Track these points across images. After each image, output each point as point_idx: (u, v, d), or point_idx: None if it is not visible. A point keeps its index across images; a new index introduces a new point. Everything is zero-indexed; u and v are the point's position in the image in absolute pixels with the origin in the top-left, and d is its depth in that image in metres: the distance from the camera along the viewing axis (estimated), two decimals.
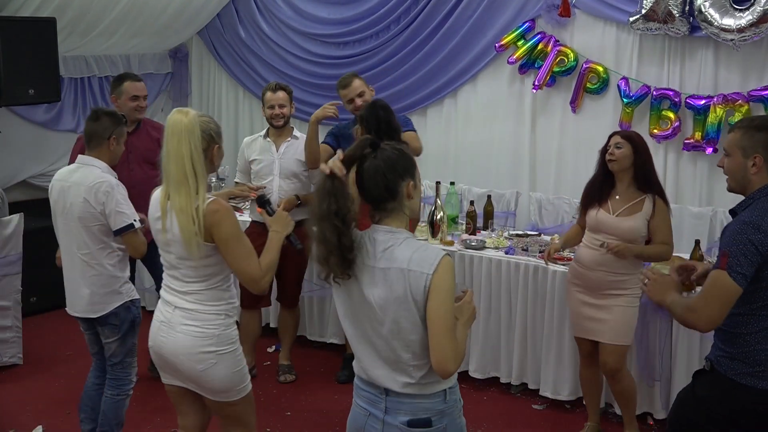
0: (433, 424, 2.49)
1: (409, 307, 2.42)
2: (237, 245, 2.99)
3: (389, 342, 2.47)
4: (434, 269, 2.39)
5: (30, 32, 5.67)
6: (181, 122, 2.93)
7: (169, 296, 3.10)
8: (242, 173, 5.16)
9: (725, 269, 2.66)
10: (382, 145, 2.52)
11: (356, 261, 2.49)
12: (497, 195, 5.93)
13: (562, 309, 4.69)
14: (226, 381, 3.08)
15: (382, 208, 2.52)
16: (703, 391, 2.88)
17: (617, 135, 4.16)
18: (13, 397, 4.90)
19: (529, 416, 4.75)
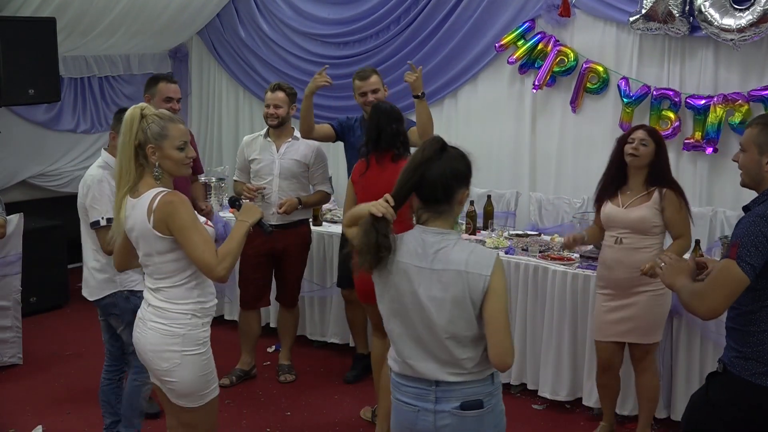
0: (484, 405, 2.59)
1: (466, 307, 2.51)
2: (192, 234, 2.91)
3: (443, 341, 2.54)
4: (491, 270, 2.50)
5: (30, 32, 5.67)
6: (127, 114, 2.97)
7: (146, 293, 3.10)
8: (241, 172, 5.15)
9: (734, 259, 2.63)
10: (449, 148, 2.59)
11: (406, 261, 2.56)
12: (497, 195, 5.93)
13: (562, 309, 4.69)
14: (189, 384, 3.01)
15: (435, 209, 2.58)
16: (717, 394, 2.83)
17: (642, 130, 4.06)
18: (13, 397, 4.90)
19: (529, 416, 4.75)
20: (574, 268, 4.68)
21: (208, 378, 3.07)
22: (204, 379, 3.05)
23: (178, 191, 3.02)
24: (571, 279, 4.65)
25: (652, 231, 4.03)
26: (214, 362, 3.10)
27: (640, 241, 4.02)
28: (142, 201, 2.95)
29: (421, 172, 2.54)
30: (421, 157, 2.55)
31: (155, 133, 2.96)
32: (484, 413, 2.59)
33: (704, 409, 2.89)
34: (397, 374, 2.69)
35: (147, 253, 3.00)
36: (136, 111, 2.97)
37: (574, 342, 4.69)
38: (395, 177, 4.20)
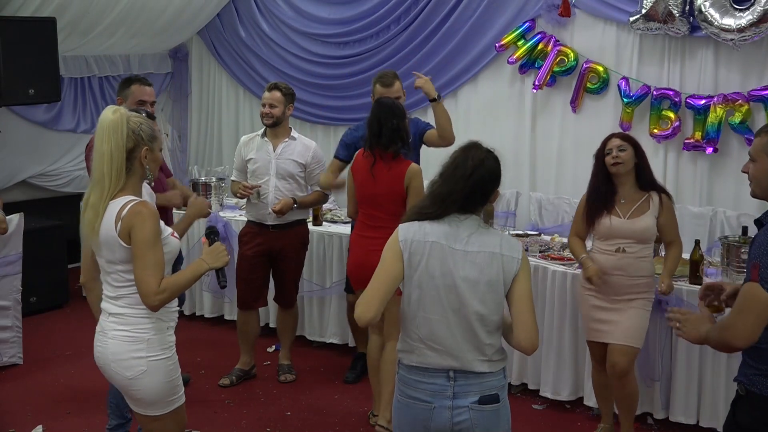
0: (500, 399, 2.69)
1: (497, 289, 2.65)
2: (147, 252, 2.81)
3: (471, 323, 2.64)
4: (521, 255, 2.68)
5: (30, 32, 5.67)
6: (107, 119, 2.87)
7: (105, 303, 3.01)
8: (239, 171, 5.14)
9: (757, 281, 2.49)
10: (489, 155, 2.73)
11: (440, 242, 2.66)
12: None
13: (562, 309, 4.68)
14: (156, 391, 2.93)
15: (470, 209, 2.72)
16: (745, 418, 2.64)
17: (616, 138, 4.10)
18: (13, 397, 4.90)
19: (529, 416, 4.75)
20: (574, 268, 4.68)
21: (174, 383, 3.00)
22: (170, 385, 2.98)
23: (148, 202, 2.96)
24: (571, 279, 4.64)
25: (651, 239, 4.09)
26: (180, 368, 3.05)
27: (642, 249, 4.06)
28: (111, 207, 2.88)
29: (470, 182, 2.68)
30: (471, 169, 2.69)
31: (148, 135, 2.93)
32: (500, 407, 2.69)
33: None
34: (412, 369, 2.71)
35: (110, 260, 2.93)
36: (119, 115, 2.88)
37: (575, 341, 4.69)
38: (391, 176, 4.25)
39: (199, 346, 5.62)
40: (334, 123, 6.86)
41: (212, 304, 6.10)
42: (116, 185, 2.89)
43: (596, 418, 4.63)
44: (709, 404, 4.38)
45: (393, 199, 4.24)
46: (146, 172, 2.97)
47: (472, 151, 2.74)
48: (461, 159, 2.73)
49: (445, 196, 2.70)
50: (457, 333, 2.65)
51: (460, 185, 2.69)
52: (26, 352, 5.36)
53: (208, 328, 5.98)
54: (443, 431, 2.67)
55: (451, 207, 2.70)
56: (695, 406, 4.43)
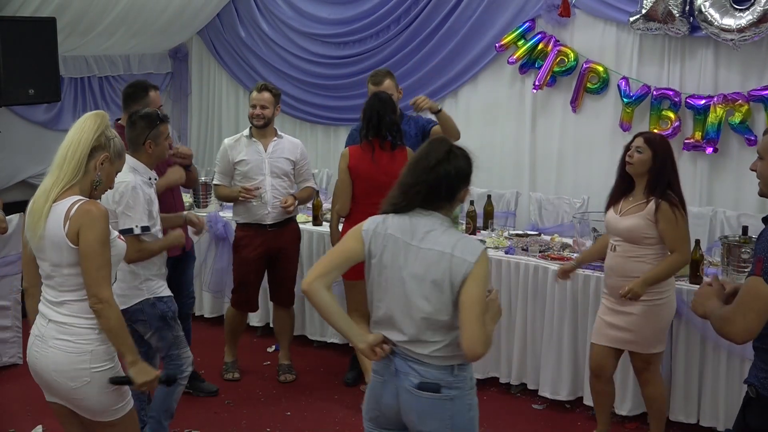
0: (441, 391, 2.65)
1: (443, 289, 2.60)
2: (95, 253, 2.76)
3: (416, 319, 2.64)
4: (477, 259, 2.58)
5: (30, 32, 5.67)
6: (89, 114, 2.92)
7: (45, 308, 2.90)
8: (224, 175, 5.03)
9: (760, 275, 2.46)
10: (455, 150, 2.70)
11: (396, 235, 2.67)
12: (497, 195, 5.93)
13: (562, 309, 4.69)
14: (101, 401, 2.85)
15: (434, 204, 2.69)
16: (756, 421, 2.62)
17: (641, 137, 3.98)
18: (13, 397, 4.90)
19: (529, 416, 4.75)
20: None
21: (120, 391, 2.93)
22: (116, 394, 2.91)
23: (98, 202, 2.88)
24: (571, 279, 4.64)
25: (644, 241, 3.93)
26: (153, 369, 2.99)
27: (632, 250, 3.94)
28: (60, 207, 2.80)
29: (433, 174, 2.65)
30: (434, 161, 2.66)
31: (117, 148, 2.93)
32: (440, 399, 2.66)
33: None
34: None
35: (55, 263, 2.83)
36: (103, 117, 2.90)
37: (575, 341, 4.69)
38: (397, 161, 4.29)
39: (199, 346, 5.61)
40: (334, 123, 6.87)
41: (212, 304, 6.10)
42: (72, 175, 2.83)
43: (596, 418, 4.63)
44: (709, 404, 4.38)
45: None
46: (95, 181, 2.89)
47: (438, 145, 2.72)
48: (425, 151, 2.71)
49: (409, 187, 2.69)
50: (402, 322, 2.66)
51: (422, 177, 2.66)
52: (26, 353, 5.36)
53: (208, 328, 5.97)
54: (392, 407, 2.71)
55: (414, 199, 2.68)
56: (695, 406, 4.43)
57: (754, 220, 4.92)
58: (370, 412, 2.81)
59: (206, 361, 5.43)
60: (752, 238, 4.46)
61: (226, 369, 5.24)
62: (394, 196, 2.75)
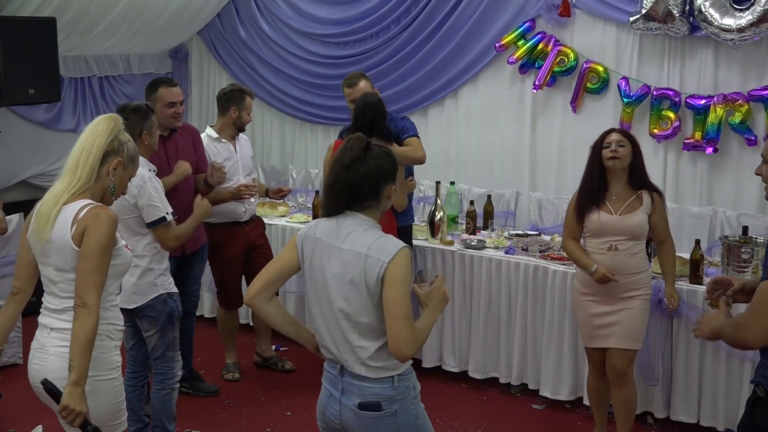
0: (382, 408, 2.62)
1: (360, 290, 2.57)
2: (97, 255, 2.70)
3: (339, 321, 2.62)
4: (391, 258, 2.54)
5: (30, 32, 5.66)
6: (103, 117, 2.89)
7: (45, 318, 2.85)
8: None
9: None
10: (372, 146, 2.66)
11: (322, 238, 2.65)
12: (497, 195, 5.93)
13: (562, 309, 4.69)
14: (98, 412, 2.76)
15: (360, 203, 2.66)
16: (764, 420, 2.63)
17: (616, 132, 4.09)
18: (13, 397, 4.90)
19: (529, 416, 4.75)
20: (574, 268, 4.68)
21: (119, 407, 2.88)
22: (115, 408, 2.87)
23: (108, 208, 2.84)
24: (571, 279, 4.63)
25: (642, 236, 4.05)
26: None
27: (634, 246, 4.02)
28: (69, 209, 2.77)
29: (351, 174, 2.61)
30: (349, 159, 2.63)
31: (130, 153, 2.92)
32: (381, 416, 2.62)
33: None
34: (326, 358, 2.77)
35: (60, 268, 2.78)
36: (116, 121, 2.88)
37: (575, 341, 4.69)
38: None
39: (199, 346, 5.62)
40: (334, 123, 6.86)
41: (212, 304, 6.10)
42: (85, 180, 2.79)
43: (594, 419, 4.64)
44: (709, 403, 4.38)
45: None
46: (110, 187, 2.87)
47: (354, 143, 2.66)
48: (341, 150, 2.68)
49: (330, 188, 2.67)
50: (331, 330, 2.65)
51: (340, 176, 2.63)
52: (26, 352, 5.32)
53: (208, 328, 5.98)
54: (334, 422, 2.70)
55: (338, 200, 2.66)
56: (696, 405, 4.43)
57: (754, 220, 4.93)
58: (320, 423, 2.81)
59: (206, 361, 5.44)
60: (752, 238, 4.46)
61: (227, 369, 5.25)
62: (322, 200, 2.76)
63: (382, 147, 2.70)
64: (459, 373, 5.10)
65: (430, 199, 5.77)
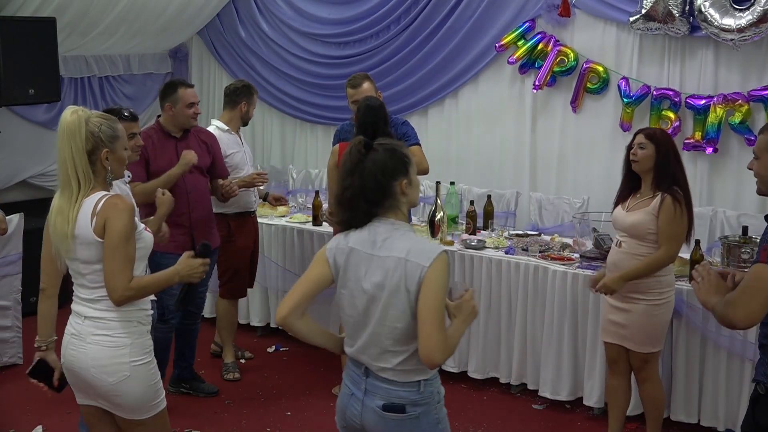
0: (406, 411, 2.59)
1: (400, 295, 2.53)
2: (120, 245, 2.78)
3: (376, 328, 2.58)
4: (431, 263, 2.50)
5: (30, 32, 5.67)
6: (65, 121, 2.85)
7: (79, 306, 2.93)
8: None
9: (765, 262, 2.51)
10: (374, 145, 2.62)
11: (357, 248, 2.62)
12: (497, 195, 5.93)
13: (562, 309, 4.69)
14: (139, 396, 2.88)
15: (381, 205, 2.62)
16: (765, 418, 2.65)
17: (642, 134, 3.98)
18: (13, 397, 4.90)
19: (529, 416, 4.75)
20: (574, 268, 4.68)
21: (156, 387, 2.96)
22: (153, 389, 2.94)
23: (123, 196, 2.92)
24: (571, 279, 4.65)
25: (647, 237, 3.90)
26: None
27: (637, 247, 3.93)
28: (85, 205, 2.83)
29: (357, 178, 2.58)
30: (350, 164, 2.60)
31: (108, 135, 2.87)
32: (405, 419, 2.59)
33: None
34: (348, 357, 2.74)
35: (86, 260, 2.86)
36: (78, 115, 2.84)
37: (575, 341, 4.69)
38: None
39: (199, 346, 5.61)
40: (334, 123, 6.85)
41: (212, 304, 6.10)
42: (86, 187, 2.84)
43: (596, 418, 4.64)
44: (709, 403, 4.38)
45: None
46: (108, 174, 2.91)
47: (354, 146, 2.62)
48: (345, 156, 2.63)
49: (341, 198, 2.63)
50: (364, 335, 2.61)
51: (347, 182, 2.60)
52: (26, 352, 5.36)
53: (208, 328, 5.97)
54: (354, 422, 2.66)
55: (355, 208, 2.61)
56: (696, 405, 4.43)
57: (755, 220, 4.92)
58: (339, 422, 2.78)
59: (206, 360, 5.43)
60: (752, 238, 4.46)
61: (227, 369, 5.25)
62: (336, 212, 2.71)
63: (384, 144, 2.64)
64: (459, 373, 5.10)
65: (430, 199, 5.76)
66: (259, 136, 7.46)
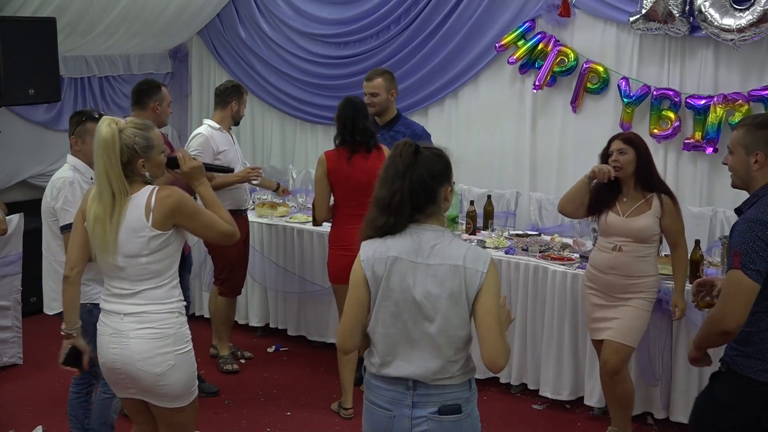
0: (462, 410, 2.58)
1: (461, 303, 2.51)
2: (202, 215, 3.03)
3: (435, 339, 2.53)
4: (488, 267, 2.51)
5: (30, 32, 5.67)
6: (100, 135, 2.91)
7: (114, 305, 3.02)
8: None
9: (739, 268, 2.69)
10: (422, 149, 2.58)
11: (402, 257, 2.55)
12: (497, 195, 5.93)
13: (562, 309, 4.69)
14: (183, 383, 3.02)
15: (423, 211, 2.58)
16: (723, 393, 2.88)
17: (618, 140, 4.06)
18: (13, 397, 4.90)
19: (529, 416, 4.75)
20: (574, 268, 4.68)
21: (194, 375, 3.11)
22: (193, 376, 3.09)
23: (165, 185, 3.05)
24: (571, 279, 4.65)
25: (651, 239, 4.03)
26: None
27: (640, 249, 4.00)
28: (136, 201, 2.94)
29: (407, 181, 2.53)
30: (402, 166, 2.54)
31: (142, 146, 2.95)
32: (462, 418, 2.58)
33: (712, 408, 2.92)
34: (374, 376, 2.64)
35: (131, 254, 2.94)
36: (113, 128, 2.90)
37: (575, 341, 4.69)
38: (375, 158, 4.35)
39: (199, 346, 5.59)
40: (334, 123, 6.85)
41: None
42: (120, 197, 2.92)
43: (597, 417, 4.64)
44: None
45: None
46: (146, 177, 3.02)
47: (403, 149, 2.57)
48: (391, 160, 2.57)
49: (387, 201, 2.55)
50: (419, 348, 2.54)
51: (395, 187, 2.53)
52: (26, 352, 5.36)
53: (208, 328, 5.97)
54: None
55: (400, 213, 2.55)
56: None
57: None
58: None
59: (206, 361, 5.43)
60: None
61: (224, 361, 5.28)
62: (375, 217, 2.60)
63: (431, 149, 2.61)
64: None
65: None
66: (259, 136, 7.46)
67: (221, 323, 5.35)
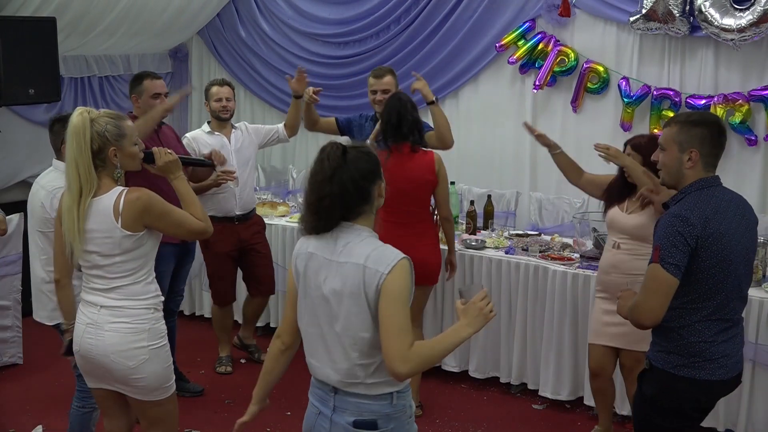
0: (378, 427, 2.49)
1: (361, 302, 2.44)
2: (172, 215, 3.02)
3: (341, 338, 2.49)
4: (389, 269, 2.41)
5: (30, 32, 5.66)
6: (71, 123, 2.91)
7: (93, 297, 3.04)
8: None
9: (658, 262, 2.76)
10: (349, 149, 2.52)
11: (317, 253, 2.54)
12: (497, 195, 5.93)
13: (562, 309, 4.68)
14: (157, 377, 3.07)
15: (354, 211, 2.52)
16: (649, 390, 2.96)
17: (628, 146, 4.07)
18: (13, 397, 4.90)
19: (529, 416, 4.75)
20: (574, 268, 4.68)
21: (170, 369, 3.14)
22: (168, 371, 3.12)
23: (134, 188, 3.01)
24: (571, 279, 4.64)
25: (649, 238, 3.94)
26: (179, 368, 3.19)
27: (639, 248, 3.96)
28: (103, 202, 2.94)
29: (336, 185, 2.46)
30: (330, 169, 2.47)
31: (114, 134, 2.95)
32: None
33: (642, 405, 3.01)
34: (312, 375, 2.67)
35: (106, 253, 2.97)
36: (84, 116, 2.91)
37: (575, 341, 4.69)
38: (418, 166, 4.31)
39: (199, 346, 5.62)
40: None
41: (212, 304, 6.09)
42: (88, 188, 2.92)
43: (596, 417, 4.63)
44: None
45: (423, 189, 4.39)
46: (115, 173, 3.00)
47: (330, 152, 2.50)
48: (318, 162, 2.50)
49: (317, 205, 2.49)
50: (330, 347, 2.51)
51: (325, 191, 2.46)
52: (26, 352, 5.36)
53: (207, 328, 5.97)
54: None
55: (329, 215, 2.50)
56: None
57: None
58: None
59: (206, 361, 5.43)
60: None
61: (220, 363, 5.30)
62: (306, 218, 2.56)
63: (357, 148, 2.55)
64: (459, 373, 5.10)
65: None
66: None
67: (216, 328, 5.37)
